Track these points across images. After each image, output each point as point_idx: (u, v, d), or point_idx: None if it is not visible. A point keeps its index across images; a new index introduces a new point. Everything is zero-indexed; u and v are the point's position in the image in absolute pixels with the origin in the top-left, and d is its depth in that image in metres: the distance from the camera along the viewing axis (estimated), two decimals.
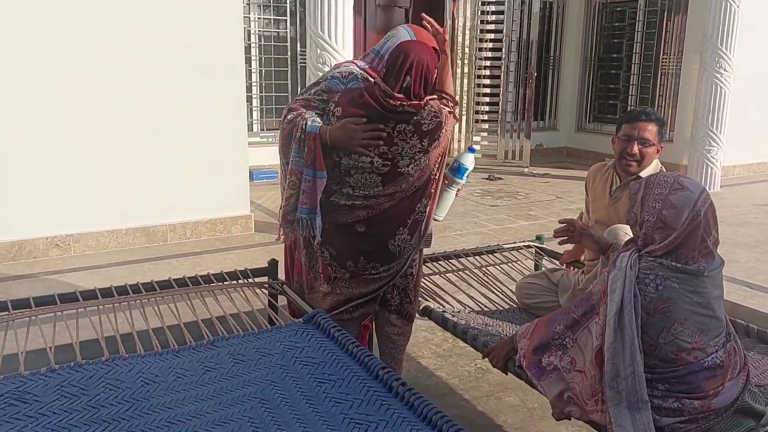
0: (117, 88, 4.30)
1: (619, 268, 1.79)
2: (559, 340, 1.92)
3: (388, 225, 2.42)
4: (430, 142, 2.35)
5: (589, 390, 1.84)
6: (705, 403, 1.75)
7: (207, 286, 2.60)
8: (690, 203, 1.76)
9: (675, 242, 1.76)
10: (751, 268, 4.25)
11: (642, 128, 2.44)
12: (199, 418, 1.74)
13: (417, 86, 2.27)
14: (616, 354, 1.74)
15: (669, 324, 1.75)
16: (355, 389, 1.86)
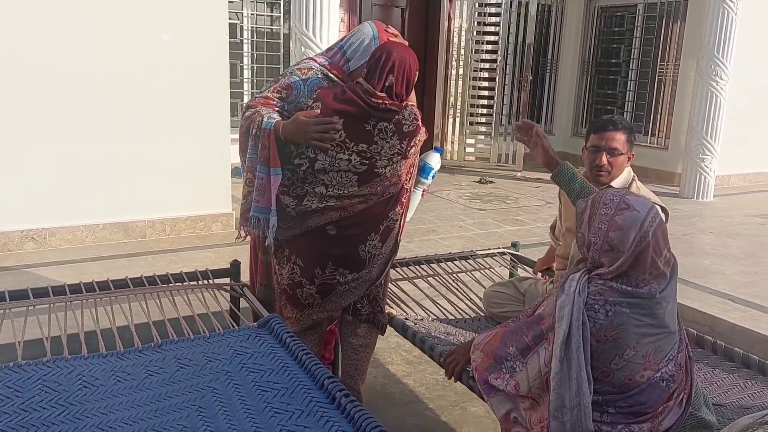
0: (98, 83, 4.25)
1: (567, 293, 1.71)
2: (510, 362, 1.84)
3: (360, 228, 2.36)
4: (409, 146, 2.32)
5: (537, 415, 1.77)
6: (654, 426, 1.70)
7: (164, 286, 2.54)
8: (636, 224, 1.66)
9: (623, 266, 1.67)
10: (735, 281, 4.19)
11: (610, 138, 2.36)
12: (132, 425, 1.69)
13: (399, 86, 2.28)
14: (562, 384, 1.67)
15: (621, 350, 1.68)
16: (297, 399, 1.80)
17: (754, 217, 6.16)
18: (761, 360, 2.19)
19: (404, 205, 2.47)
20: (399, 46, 2.33)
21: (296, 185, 2.30)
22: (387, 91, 2.26)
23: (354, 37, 2.38)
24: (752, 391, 2.07)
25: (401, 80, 2.27)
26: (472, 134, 8.19)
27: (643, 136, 8.33)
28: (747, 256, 4.80)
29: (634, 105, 8.58)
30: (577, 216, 1.81)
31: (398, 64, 2.25)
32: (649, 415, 1.70)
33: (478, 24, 7.93)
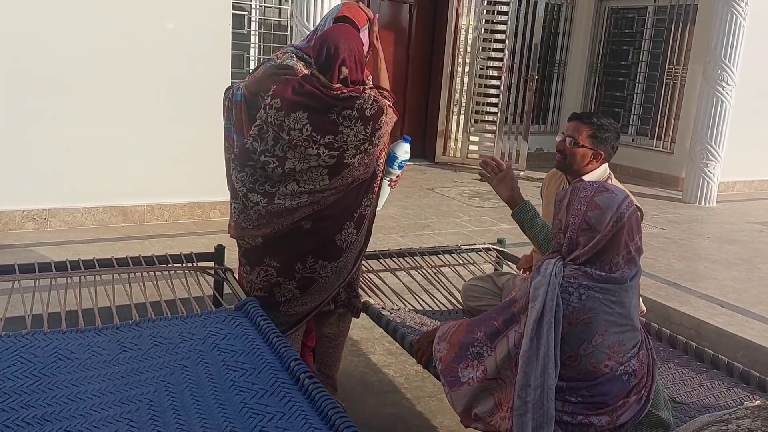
0: (102, 67, 4.32)
1: (543, 274, 1.76)
2: (477, 348, 1.88)
3: (335, 220, 2.37)
4: (374, 130, 2.31)
5: (506, 396, 1.81)
6: (612, 419, 1.73)
7: (148, 267, 2.59)
8: (614, 205, 1.74)
9: (599, 245, 1.73)
10: (726, 286, 4.19)
11: (572, 128, 2.49)
12: (101, 397, 1.74)
13: (354, 73, 2.28)
14: (530, 363, 1.71)
15: (590, 336, 1.73)
16: (263, 379, 1.85)
17: (754, 224, 6.14)
18: (730, 361, 2.20)
19: (376, 191, 2.48)
20: (342, 33, 2.30)
21: (265, 182, 2.28)
22: (343, 81, 2.26)
23: (324, 17, 2.49)
24: (718, 391, 2.09)
25: (355, 68, 2.28)
26: (476, 132, 8.19)
27: (649, 140, 8.31)
28: (742, 262, 4.79)
29: (641, 108, 8.55)
30: (556, 203, 1.85)
31: (348, 54, 2.25)
32: (609, 408, 1.73)
33: (486, 22, 7.93)
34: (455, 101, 8.09)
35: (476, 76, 8.03)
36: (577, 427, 1.73)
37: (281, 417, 1.67)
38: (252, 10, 6.94)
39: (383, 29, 7.85)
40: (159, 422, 1.64)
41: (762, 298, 3.96)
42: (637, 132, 8.55)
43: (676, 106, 7.96)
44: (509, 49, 7.86)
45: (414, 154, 8.30)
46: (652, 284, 4.05)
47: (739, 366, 2.17)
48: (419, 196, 6.23)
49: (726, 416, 1.78)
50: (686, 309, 3.67)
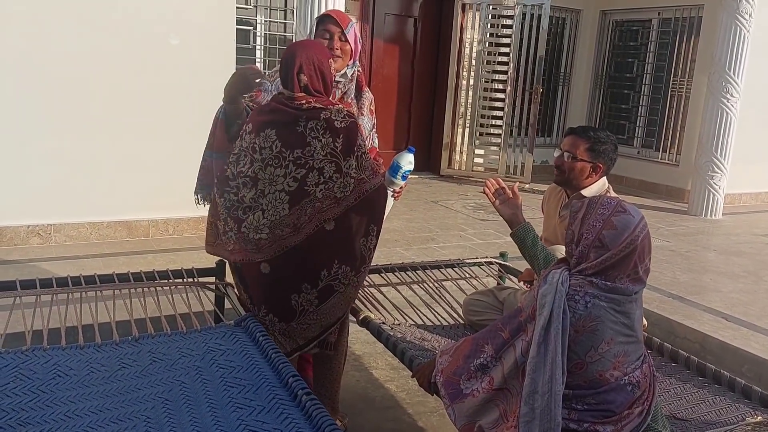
0: (107, 82, 4.36)
1: (551, 283, 1.77)
2: (482, 360, 1.88)
3: (292, 272, 2.25)
4: (346, 148, 2.21)
5: (513, 406, 1.80)
6: (617, 429, 1.72)
7: (149, 283, 2.60)
8: (630, 227, 1.76)
9: (608, 262, 1.74)
10: (732, 298, 4.16)
11: (570, 143, 2.50)
12: (98, 414, 1.74)
13: (315, 82, 2.24)
14: (537, 369, 1.71)
15: (597, 343, 1.73)
16: (261, 396, 1.85)
17: (761, 236, 6.10)
18: (732, 376, 2.18)
19: (358, 267, 2.29)
20: (300, 44, 2.34)
21: (238, 209, 2.24)
22: (306, 91, 2.24)
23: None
24: (720, 407, 2.07)
25: (315, 76, 2.23)
26: (481, 145, 8.19)
27: (654, 152, 8.29)
28: (748, 274, 4.76)
29: (646, 120, 8.53)
30: (571, 214, 1.87)
31: (306, 61, 2.21)
32: (615, 416, 1.72)
33: (491, 35, 7.95)
34: (460, 114, 8.11)
35: (481, 89, 8.05)
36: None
37: None
38: (257, 24, 7.01)
39: (388, 43, 7.90)
40: None
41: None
42: (643, 144, 8.54)
43: (681, 118, 7.95)
44: (514, 62, 7.87)
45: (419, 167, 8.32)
46: (657, 297, 4.03)
47: (741, 381, 2.15)
48: (424, 209, 6.23)
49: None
50: (691, 322, 3.64)
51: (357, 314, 2.58)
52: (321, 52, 2.28)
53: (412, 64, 8.16)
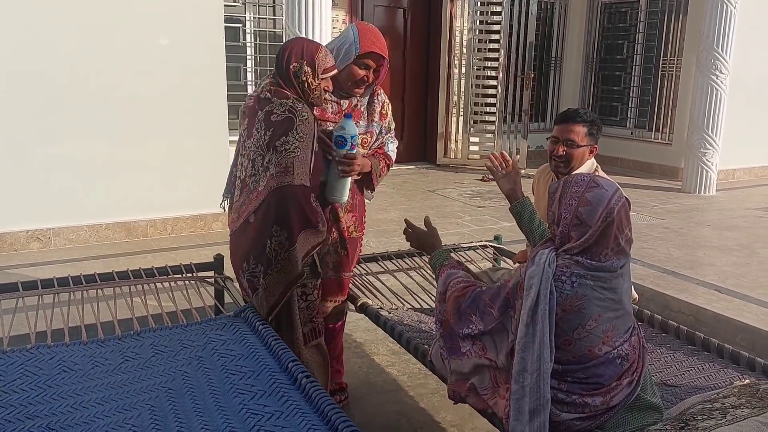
0: (100, 85, 4.40)
1: (538, 264, 1.80)
2: (471, 332, 1.91)
3: (233, 256, 2.36)
4: (272, 139, 2.18)
5: (504, 376, 1.84)
6: (606, 400, 1.76)
7: (149, 279, 2.65)
8: (604, 200, 1.78)
9: (590, 240, 1.77)
10: (725, 272, 4.21)
11: (569, 130, 2.45)
12: (103, 405, 1.80)
13: (309, 76, 2.27)
14: (526, 349, 1.75)
15: (584, 321, 1.77)
16: (261, 381, 1.90)
17: (754, 210, 6.15)
18: (720, 343, 2.24)
19: (266, 269, 2.23)
20: (296, 38, 2.42)
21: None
22: (302, 86, 2.26)
23: (339, 40, 2.45)
24: (708, 372, 2.12)
25: (310, 67, 2.25)
26: (476, 133, 8.24)
27: (647, 132, 8.34)
28: (741, 247, 4.81)
29: (638, 101, 8.57)
30: (550, 195, 1.89)
31: (295, 47, 2.28)
32: (603, 389, 1.76)
33: (480, 23, 7.98)
34: (453, 103, 8.15)
35: (473, 77, 8.08)
36: (572, 406, 1.76)
37: (279, 416, 1.72)
38: (247, 22, 7.03)
39: None
40: (160, 426, 1.70)
41: (761, 282, 3.98)
42: (636, 125, 8.58)
43: (672, 98, 7.99)
44: (504, 48, 7.90)
45: (415, 157, 8.42)
46: (651, 273, 4.08)
47: (729, 347, 2.20)
48: (421, 198, 6.28)
49: (714, 396, 1.82)
50: (685, 296, 3.70)
51: (355, 301, 2.63)
52: (312, 44, 2.32)
53: (404, 54, 8.18)
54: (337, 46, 2.45)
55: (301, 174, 2.19)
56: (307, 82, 2.27)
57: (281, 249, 2.20)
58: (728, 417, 1.56)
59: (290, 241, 2.19)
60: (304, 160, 2.20)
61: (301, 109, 2.22)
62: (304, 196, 2.20)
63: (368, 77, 2.44)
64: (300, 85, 2.27)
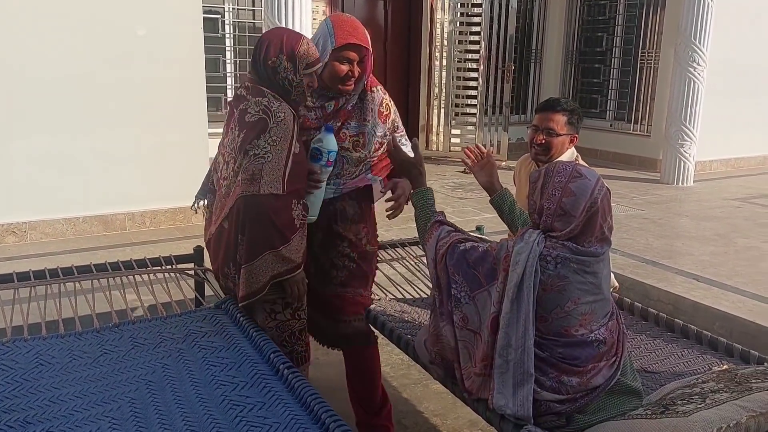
0: (76, 76, 4.33)
1: (527, 242, 1.77)
2: (457, 294, 1.89)
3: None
4: (244, 141, 2.04)
5: (481, 353, 1.83)
6: (583, 381, 1.76)
7: (127, 272, 2.62)
8: (588, 191, 1.77)
9: (574, 231, 1.77)
10: (703, 261, 4.27)
11: (549, 119, 2.48)
12: (82, 398, 1.77)
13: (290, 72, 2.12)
14: (510, 324, 1.75)
15: (563, 302, 1.76)
16: (243, 373, 1.88)
17: (731, 200, 6.24)
18: (699, 330, 2.26)
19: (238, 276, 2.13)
20: (280, 30, 2.26)
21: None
22: (257, 74, 2.14)
23: (315, 37, 2.27)
24: (688, 359, 2.14)
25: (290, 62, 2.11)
26: (457, 125, 8.25)
27: (626, 124, 8.41)
28: (719, 237, 4.87)
29: (617, 93, 8.64)
30: (531, 184, 1.88)
31: (272, 37, 2.15)
32: (579, 369, 1.76)
33: (461, 15, 7.98)
34: (435, 95, 8.15)
35: (454, 70, 8.08)
36: (549, 388, 1.75)
37: (261, 407, 1.71)
38: (225, 13, 6.96)
39: None
40: (140, 419, 1.67)
41: (738, 271, 4.04)
42: (615, 117, 8.65)
43: (651, 90, 8.07)
44: (485, 40, 7.91)
45: None
46: (631, 263, 4.12)
47: (708, 334, 2.23)
48: None
49: (693, 381, 1.84)
50: (664, 285, 3.74)
51: None
52: (292, 36, 2.16)
53: (384, 46, 8.16)
54: (314, 41, 2.25)
55: (270, 182, 2.02)
56: (287, 78, 2.10)
57: (243, 258, 2.09)
58: (707, 401, 1.58)
59: (248, 255, 2.05)
60: (275, 166, 2.03)
61: (277, 109, 2.05)
62: (272, 206, 2.03)
63: (353, 71, 2.22)
64: (280, 81, 2.10)
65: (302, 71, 2.11)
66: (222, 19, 6.90)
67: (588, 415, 1.72)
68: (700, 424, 1.46)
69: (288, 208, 2.08)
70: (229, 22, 7.02)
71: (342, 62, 2.21)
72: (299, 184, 2.13)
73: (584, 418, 1.72)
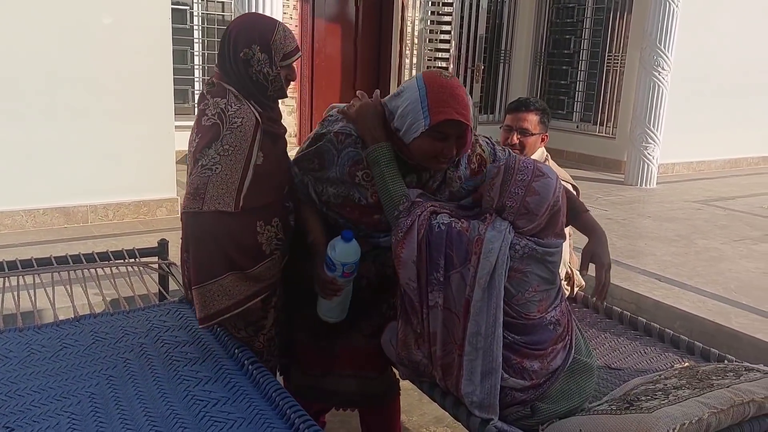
0: (38, 66, 4.21)
1: (499, 230, 1.75)
2: (437, 271, 1.78)
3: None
4: (197, 148, 1.82)
5: (459, 334, 1.80)
6: (544, 365, 1.77)
7: (89, 264, 2.56)
8: (551, 190, 1.79)
9: (536, 228, 1.78)
10: (665, 261, 4.35)
11: (521, 119, 2.50)
12: (40, 393, 1.72)
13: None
14: (481, 312, 1.74)
15: (524, 289, 1.77)
16: (207, 368, 1.85)
17: (692, 202, 6.38)
18: (661, 328, 2.31)
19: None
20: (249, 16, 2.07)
21: None
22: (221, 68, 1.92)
23: (402, 97, 1.82)
24: (650, 356, 2.18)
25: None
26: None
27: (592, 126, 8.54)
28: (680, 238, 4.98)
29: (584, 95, 8.77)
30: (488, 180, 1.86)
31: (236, 26, 1.89)
32: (540, 353, 1.77)
33: (432, 14, 7.99)
34: None
35: (424, 68, 8.08)
36: (514, 371, 1.76)
37: (226, 402, 1.68)
38: (194, 4, 6.86)
39: (330, 22, 7.85)
40: (101, 414, 1.63)
41: (698, 271, 4.14)
42: (581, 118, 8.78)
43: (616, 93, 8.20)
44: (455, 40, 7.94)
45: None
46: None
47: (670, 332, 2.27)
48: None
49: (656, 378, 1.87)
50: (627, 284, 3.80)
51: None
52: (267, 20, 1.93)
53: (355, 43, 8.13)
54: (402, 106, 1.80)
55: (217, 197, 1.76)
56: (262, 72, 1.84)
57: (189, 274, 1.88)
58: (670, 397, 1.61)
59: (196, 277, 1.82)
60: (225, 180, 1.76)
61: (235, 113, 1.79)
62: (221, 226, 1.78)
63: (448, 151, 1.78)
64: (253, 76, 1.85)
65: (279, 63, 1.86)
66: (191, 11, 6.80)
67: (552, 403, 1.74)
68: (663, 420, 1.49)
69: (248, 228, 1.83)
70: (198, 14, 6.92)
71: (435, 139, 1.75)
72: (266, 199, 1.87)
73: (548, 407, 1.73)
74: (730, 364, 1.95)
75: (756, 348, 3.09)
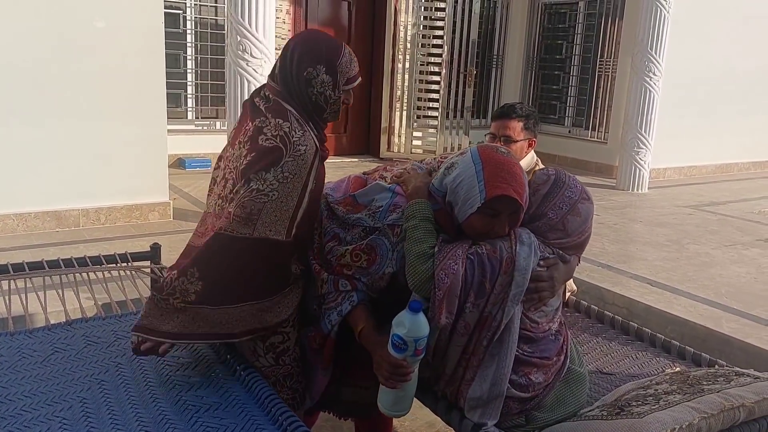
0: (31, 66, 4.19)
1: (528, 245, 1.73)
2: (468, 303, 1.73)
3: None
4: (248, 167, 1.70)
5: (479, 347, 1.77)
6: (547, 377, 1.78)
7: (81, 268, 2.55)
8: (591, 216, 1.82)
9: (564, 245, 1.78)
10: (656, 266, 4.37)
11: (504, 126, 2.51)
12: (31, 397, 1.71)
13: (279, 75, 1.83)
14: (510, 324, 1.74)
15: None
16: (199, 372, 1.85)
17: (683, 207, 6.42)
18: (653, 333, 2.32)
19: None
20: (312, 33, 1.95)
21: None
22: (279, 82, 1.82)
23: (456, 171, 1.76)
24: (642, 361, 2.20)
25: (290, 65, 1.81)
26: (419, 128, 8.29)
27: (584, 130, 8.58)
28: (671, 243, 5.01)
29: (576, 100, 8.81)
30: (533, 185, 1.82)
31: (310, 51, 1.79)
32: (547, 363, 1.78)
33: (425, 18, 8.03)
34: (397, 98, 8.17)
35: (417, 72, 8.12)
36: (518, 386, 1.76)
37: (218, 407, 1.67)
38: (187, 9, 6.85)
39: (322, 27, 7.86)
40: (92, 419, 1.63)
41: (689, 276, 4.16)
42: (573, 123, 8.82)
43: (608, 98, 8.25)
44: (448, 44, 7.98)
45: (359, 150, 8.40)
46: (587, 267, 4.19)
47: (661, 337, 2.29)
48: None
49: (647, 383, 1.88)
50: (618, 289, 3.82)
51: None
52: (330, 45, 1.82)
53: None
54: (456, 181, 1.75)
55: (269, 224, 1.69)
56: (324, 94, 1.78)
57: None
58: (661, 402, 1.62)
59: (217, 299, 1.71)
60: (279, 207, 1.69)
61: (299, 139, 1.70)
62: (260, 251, 1.70)
63: (500, 228, 1.72)
64: (313, 96, 1.77)
65: (342, 87, 1.80)
66: (184, 15, 6.79)
67: (547, 412, 1.75)
68: (654, 425, 1.49)
69: (288, 259, 1.77)
70: (191, 18, 6.91)
71: (487, 215, 1.71)
72: (311, 225, 1.83)
73: (544, 415, 1.74)
74: (721, 369, 1.97)
75: (746, 353, 3.11)
